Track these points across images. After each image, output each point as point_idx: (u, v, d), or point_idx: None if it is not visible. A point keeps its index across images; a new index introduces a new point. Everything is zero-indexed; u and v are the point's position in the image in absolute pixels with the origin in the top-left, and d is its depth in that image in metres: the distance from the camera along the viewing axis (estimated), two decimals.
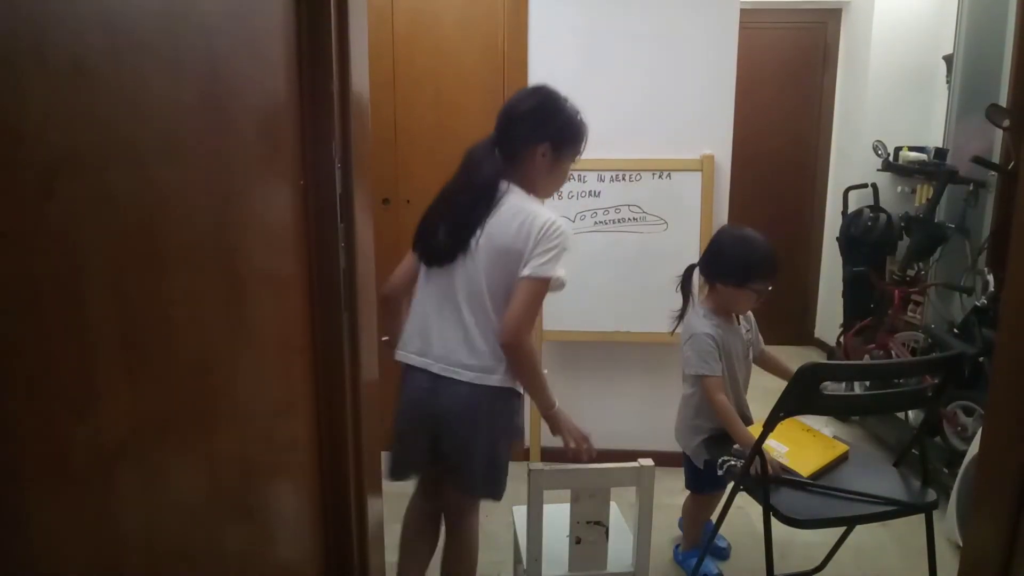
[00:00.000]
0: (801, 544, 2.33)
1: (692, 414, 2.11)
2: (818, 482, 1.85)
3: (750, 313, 2.15)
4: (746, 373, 2.15)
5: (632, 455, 1.69)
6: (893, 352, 3.17)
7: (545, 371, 1.72)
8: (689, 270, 2.15)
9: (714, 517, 2.10)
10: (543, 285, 1.58)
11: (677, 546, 2.33)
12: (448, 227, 1.65)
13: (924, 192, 3.58)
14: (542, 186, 1.70)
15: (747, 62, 3.01)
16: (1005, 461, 1.08)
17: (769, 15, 4.31)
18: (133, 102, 0.77)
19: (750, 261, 1.95)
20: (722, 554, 2.33)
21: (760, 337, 2.20)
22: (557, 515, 1.70)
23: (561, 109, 1.65)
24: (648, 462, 1.63)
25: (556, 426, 1.70)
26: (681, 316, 2.13)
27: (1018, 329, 1.08)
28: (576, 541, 1.66)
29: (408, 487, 1.87)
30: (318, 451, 1.34)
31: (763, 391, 2.13)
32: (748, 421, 2.07)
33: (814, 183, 4.61)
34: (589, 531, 1.66)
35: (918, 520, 1.84)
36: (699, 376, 2.01)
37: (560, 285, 1.64)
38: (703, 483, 2.15)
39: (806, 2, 4.36)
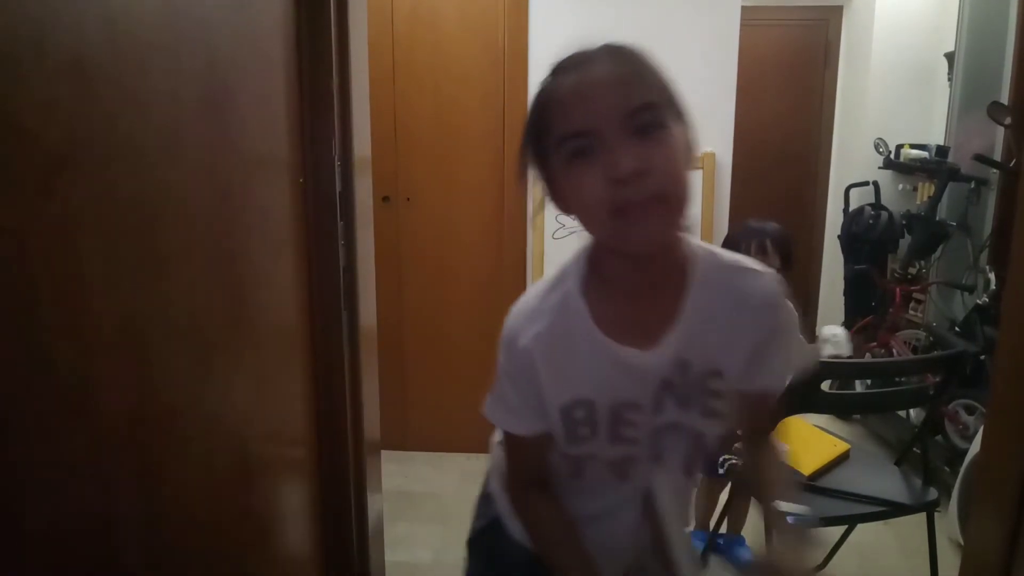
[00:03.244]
0: None
1: None
2: (819, 481, 1.84)
3: None
4: None
5: None
6: (894, 350, 3.16)
7: None
8: None
9: (714, 518, 2.10)
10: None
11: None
12: None
13: (925, 190, 3.56)
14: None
15: (748, 59, 3.00)
16: (1007, 460, 1.08)
17: (770, 12, 4.29)
18: (133, 100, 0.77)
19: (735, 234, 2.07)
20: (743, 567, 2.23)
21: None
22: None
23: None
24: None
25: None
26: None
27: (1020, 327, 1.07)
28: None
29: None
30: (318, 450, 1.34)
31: None
32: None
33: (815, 181, 4.59)
34: None
35: (919, 519, 1.83)
36: None
37: None
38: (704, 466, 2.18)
39: None
